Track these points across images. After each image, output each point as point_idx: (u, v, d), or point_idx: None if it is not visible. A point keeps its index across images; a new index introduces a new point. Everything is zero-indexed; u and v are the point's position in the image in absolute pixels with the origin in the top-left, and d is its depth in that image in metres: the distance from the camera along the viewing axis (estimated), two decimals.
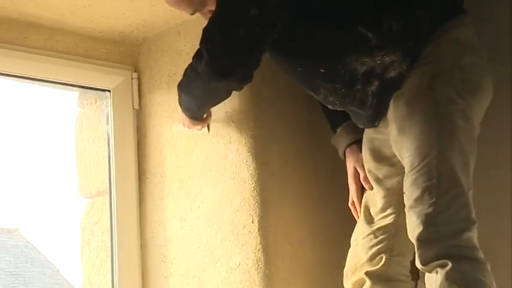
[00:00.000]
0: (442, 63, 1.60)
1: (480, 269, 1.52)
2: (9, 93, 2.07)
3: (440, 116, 1.57)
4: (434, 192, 1.51)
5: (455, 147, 1.55)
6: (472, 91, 1.61)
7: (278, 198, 1.90)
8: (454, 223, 1.52)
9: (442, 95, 1.58)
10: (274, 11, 1.57)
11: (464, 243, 1.52)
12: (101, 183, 2.13)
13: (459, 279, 1.49)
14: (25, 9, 1.92)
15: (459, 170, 1.54)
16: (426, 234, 1.52)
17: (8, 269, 2.13)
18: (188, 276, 1.97)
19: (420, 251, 1.53)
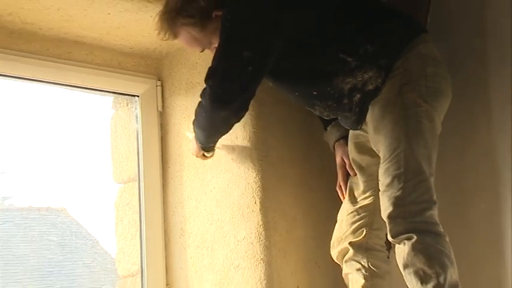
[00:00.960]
0: (410, 74, 1.62)
1: (441, 240, 1.54)
2: (59, 98, 2.11)
3: (407, 117, 1.59)
4: (402, 178, 1.54)
5: (420, 142, 1.58)
6: (435, 96, 1.62)
7: (276, 184, 1.93)
8: (419, 204, 1.54)
9: (409, 99, 1.59)
10: (264, 52, 1.58)
11: (428, 220, 1.55)
12: (131, 172, 2.14)
13: (423, 249, 1.51)
14: (70, 29, 1.94)
15: (423, 161, 1.56)
16: (395, 213, 1.55)
17: (57, 241, 2.18)
18: (202, 247, 2.01)
19: (390, 226, 1.56)
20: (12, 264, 2.09)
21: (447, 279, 1.49)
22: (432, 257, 1.50)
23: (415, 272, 1.51)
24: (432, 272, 1.49)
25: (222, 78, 1.58)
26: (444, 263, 1.50)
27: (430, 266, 1.50)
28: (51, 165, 2.16)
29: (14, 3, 1.79)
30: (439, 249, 1.52)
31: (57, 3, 1.81)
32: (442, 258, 1.51)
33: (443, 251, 1.52)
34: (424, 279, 1.50)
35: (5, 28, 1.87)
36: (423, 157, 1.57)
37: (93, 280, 2.20)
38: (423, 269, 1.50)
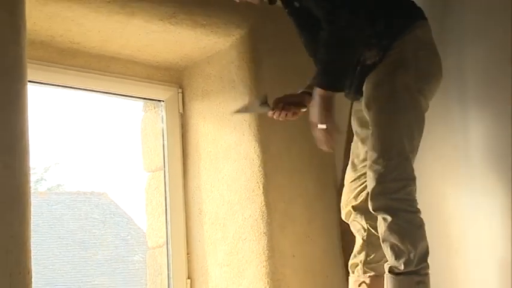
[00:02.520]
0: (404, 56, 1.52)
1: (414, 218, 1.48)
2: (100, 104, 2.16)
3: (395, 98, 1.50)
4: (386, 156, 1.47)
5: (405, 122, 1.49)
6: (425, 78, 1.53)
7: (275, 171, 1.94)
8: (399, 181, 1.48)
9: (399, 81, 1.50)
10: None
11: (405, 197, 1.48)
12: (158, 162, 2.14)
13: (397, 229, 1.46)
14: (108, 48, 1.96)
15: (406, 140, 1.49)
16: (377, 190, 1.48)
17: (100, 219, 2.21)
18: (216, 224, 2.02)
19: (372, 200, 1.50)
20: (64, 238, 2.13)
21: (417, 254, 1.45)
22: (405, 236, 1.46)
23: (391, 247, 1.48)
24: (405, 249, 1.45)
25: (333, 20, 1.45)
26: (415, 240, 1.46)
27: (403, 244, 1.46)
28: (94, 158, 2.21)
29: (64, 27, 1.82)
30: (411, 227, 1.47)
31: (97, 26, 1.83)
32: (413, 235, 1.47)
33: (414, 229, 1.47)
34: (398, 254, 1.47)
35: (57, 47, 1.89)
36: (406, 135, 1.49)
37: (128, 250, 2.23)
38: (397, 245, 1.46)
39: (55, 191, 2.30)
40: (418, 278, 1.45)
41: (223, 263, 1.97)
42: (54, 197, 2.24)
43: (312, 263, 1.92)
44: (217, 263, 1.99)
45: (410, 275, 1.45)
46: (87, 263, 2.12)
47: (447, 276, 1.80)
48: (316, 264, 1.90)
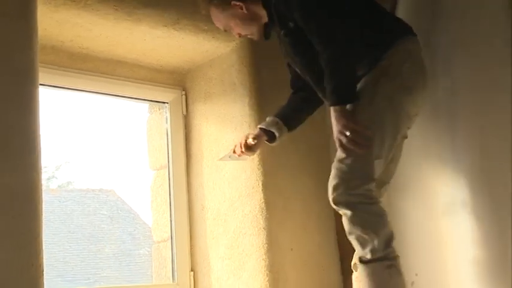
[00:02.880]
0: (389, 68, 1.52)
1: (373, 208, 1.47)
2: (108, 105, 2.15)
3: (372, 104, 1.49)
4: (353, 158, 1.45)
5: (377, 128, 1.47)
6: (407, 89, 1.52)
7: (274, 170, 1.94)
8: (359, 179, 1.46)
9: (381, 92, 1.50)
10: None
11: (363, 192, 1.46)
12: (163, 161, 2.14)
13: (358, 221, 1.46)
14: (115, 52, 1.97)
15: (375, 145, 1.47)
16: (338, 186, 1.47)
17: (107, 214, 2.20)
18: (218, 219, 2.02)
19: (332, 195, 1.49)
20: (74, 232, 2.13)
21: (381, 240, 1.45)
22: (366, 226, 1.46)
23: (356, 238, 1.48)
24: (368, 238, 1.46)
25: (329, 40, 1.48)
26: (376, 228, 1.45)
27: (366, 233, 1.46)
28: (103, 157, 2.21)
29: (73, 32, 1.81)
30: (370, 217, 1.46)
31: (105, 32, 1.83)
32: (374, 224, 1.46)
33: (375, 218, 1.46)
34: (363, 244, 1.47)
35: (67, 52, 1.90)
36: (377, 141, 1.47)
37: (134, 244, 2.22)
38: (361, 236, 1.47)
39: (65, 188, 2.32)
40: (388, 262, 1.45)
41: (225, 256, 1.98)
42: (64, 194, 2.26)
43: (308, 256, 1.92)
44: (219, 256, 1.99)
45: (379, 261, 1.45)
46: (96, 256, 2.12)
47: (436, 264, 1.81)
48: (312, 257, 1.90)
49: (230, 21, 1.61)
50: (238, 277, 1.93)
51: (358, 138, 1.45)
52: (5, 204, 1.40)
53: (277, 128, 1.69)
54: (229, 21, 1.62)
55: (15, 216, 1.40)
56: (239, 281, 1.92)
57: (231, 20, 1.61)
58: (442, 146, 1.82)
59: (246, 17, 1.60)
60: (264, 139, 1.71)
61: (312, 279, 1.89)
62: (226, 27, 1.65)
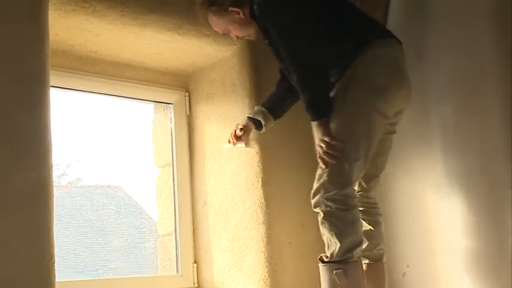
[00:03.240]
0: (357, 74, 1.52)
1: (345, 215, 1.48)
2: (115, 106, 2.11)
3: (343, 111, 1.50)
4: (331, 163, 1.48)
5: (350, 133, 1.49)
6: (377, 92, 1.51)
7: (273, 167, 1.95)
8: (336, 184, 1.48)
9: (349, 97, 1.50)
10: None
11: (339, 198, 1.48)
12: (167, 159, 2.13)
13: (327, 225, 1.49)
14: (122, 56, 1.97)
15: (350, 149, 1.48)
16: (317, 190, 1.51)
17: (115, 209, 2.19)
18: (219, 214, 2.02)
19: (312, 199, 1.52)
20: (83, 226, 2.13)
21: (342, 246, 1.46)
22: (332, 230, 1.48)
23: (326, 239, 1.51)
24: (333, 241, 1.48)
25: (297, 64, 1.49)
26: (342, 235, 1.47)
27: (331, 237, 1.48)
28: (110, 155, 2.19)
29: (83, 37, 1.81)
30: (340, 223, 1.48)
31: (113, 36, 1.83)
32: (341, 230, 1.47)
33: (344, 225, 1.48)
34: (329, 245, 1.50)
35: (76, 55, 1.90)
36: (351, 145, 1.48)
37: (140, 237, 2.22)
38: (329, 238, 1.50)
39: (75, 185, 2.28)
40: (337, 266, 1.46)
41: (226, 249, 1.98)
42: (74, 190, 2.24)
43: (306, 249, 1.92)
44: (220, 249, 2.00)
45: (332, 264, 1.47)
46: (104, 248, 2.13)
47: (427, 255, 1.81)
48: (310, 250, 1.89)
49: (229, 25, 1.64)
50: (239, 269, 1.94)
51: (331, 150, 1.48)
52: (18, 200, 1.41)
53: (263, 116, 1.73)
54: (227, 25, 1.64)
55: (28, 211, 1.41)
56: (240, 272, 1.93)
57: (230, 24, 1.63)
58: (434, 142, 1.82)
59: (243, 21, 1.62)
60: (252, 127, 1.75)
61: (309, 271, 1.84)
62: (225, 31, 1.67)
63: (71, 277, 1.90)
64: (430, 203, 1.83)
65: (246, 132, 1.76)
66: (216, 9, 1.62)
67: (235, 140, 1.77)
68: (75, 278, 1.92)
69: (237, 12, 1.61)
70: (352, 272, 1.48)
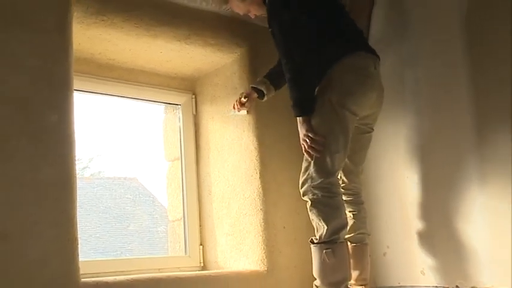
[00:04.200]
0: (331, 80, 1.55)
1: (330, 201, 1.50)
2: (131, 107, 2.10)
3: (323, 111, 1.53)
4: (314, 156, 1.51)
5: (329, 128, 1.52)
6: (348, 95, 1.53)
7: (269, 160, 1.94)
8: (321, 173, 1.51)
9: (326, 99, 1.53)
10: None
11: (325, 186, 1.50)
12: (176, 153, 2.13)
13: (315, 212, 1.52)
14: (137, 63, 1.98)
15: (331, 141, 1.50)
16: (305, 180, 1.55)
17: (131, 198, 2.18)
18: (222, 202, 2.02)
19: (301, 189, 1.56)
20: (103, 213, 2.12)
21: (329, 229, 1.49)
22: (320, 216, 1.50)
23: (314, 223, 1.54)
24: (321, 225, 1.51)
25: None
26: (329, 219, 1.49)
27: (319, 221, 1.51)
28: (127, 150, 2.17)
29: (102, 46, 1.81)
30: (326, 209, 1.49)
31: (128, 46, 1.83)
32: (328, 215, 1.49)
33: (330, 210, 1.49)
34: (317, 229, 1.53)
35: (96, 62, 1.91)
36: (330, 138, 1.51)
37: (153, 223, 2.21)
38: (317, 223, 1.52)
39: (96, 177, 2.26)
40: (326, 246, 1.48)
41: (228, 233, 1.99)
42: (96, 181, 2.22)
43: (299, 233, 1.92)
44: (223, 233, 2.00)
45: (320, 245, 1.50)
46: (122, 232, 2.13)
47: (404, 237, 1.84)
48: (302, 234, 1.89)
49: (249, 7, 1.70)
50: (239, 250, 1.95)
51: (315, 145, 1.52)
52: (47, 190, 1.43)
53: (266, 87, 1.76)
54: (248, 7, 1.71)
55: (55, 200, 1.44)
56: (240, 253, 1.94)
57: (250, 6, 1.70)
58: (412, 141, 1.83)
59: (260, 3, 1.67)
60: (255, 96, 1.77)
61: (301, 253, 1.87)
62: (246, 12, 1.73)
63: (93, 257, 1.90)
64: (407, 193, 1.85)
65: (249, 100, 1.78)
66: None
67: (240, 107, 1.78)
68: (96, 258, 1.92)
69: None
70: (339, 252, 1.50)
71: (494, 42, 1.62)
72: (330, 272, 1.48)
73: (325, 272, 1.48)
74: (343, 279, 1.49)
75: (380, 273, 1.88)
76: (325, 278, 1.48)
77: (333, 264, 1.47)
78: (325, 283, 1.49)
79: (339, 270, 1.49)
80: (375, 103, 1.64)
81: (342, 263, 1.50)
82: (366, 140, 1.70)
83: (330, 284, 1.48)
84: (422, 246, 1.79)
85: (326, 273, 1.48)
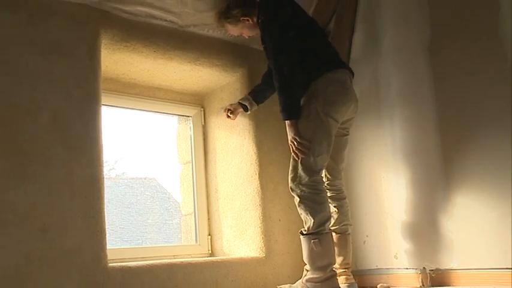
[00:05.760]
0: (316, 91, 1.54)
1: (315, 196, 1.49)
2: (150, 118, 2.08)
3: (309, 119, 1.52)
4: (300, 158, 1.52)
5: (314, 134, 1.51)
6: (331, 105, 1.53)
7: (267, 163, 1.94)
8: (307, 172, 1.49)
9: (312, 108, 1.53)
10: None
11: (310, 183, 1.49)
12: (188, 157, 2.12)
13: (302, 207, 1.51)
14: (154, 81, 1.97)
15: (315, 145, 1.49)
16: (293, 178, 1.53)
17: (150, 195, 2.16)
18: (227, 198, 2.02)
19: (290, 185, 1.54)
20: (127, 207, 2.10)
21: (315, 222, 1.48)
22: (307, 210, 1.49)
23: (303, 217, 1.54)
24: (308, 218, 1.51)
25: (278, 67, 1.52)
26: (314, 213, 1.48)
27: (307, 215, 1.51)
28: (147, 154, 2.16)
29: (125, 68, 1.82)
30: (312, 204, 1.48)
31: (147, 67, 1.83)
32: (314, 209, 1.48)
33: (315, 205, 1.48)
34: (305, 221, 1.53)
35: (121, 81, 1.91)
36: (314, 142, 1.50)
37: (169, 216, 2.19)
38: (305, 216, 1.52)
39: (121, 177, 2.24)
40: (313, 237, 1.48)
41: (232, 225, 1.98)
42: (120, 181, 2.21)
43: (292, 225, 1.92)
44: (228, 225, 2.00)
45: (309, 236, 1.50)
46: (142, 224, 2.12)
47: (381, 227, 1.85)
48: (295, 226, 1.88)
49: (242, 30, 1.68)
50: (241, 239, 1.95)
51: (300, 147, 1.51)
52: (79, 189, 1.47)
53: (249, 102, 1.79)
54: (241, 30, 1.69)
55: (86, 197, 1.47)
56: (242, 242, 1.94)
57: (242, 29, 1.68)
58: (386, 146, 1.85)
59: (252, 25, 1.66)
60: (240, 110, 1.81)
61: (293, 241, 1.87)
62: (239, 34, 1.72)
63: (118, 245, 1.91)
64: (383, 190, 1.87)
65: (234, 113, 1.82)
66: (231, 20, 1.68)
67: (227, 117, 1.83)
68: (121, 246, 1.92)
69: (247, 19, 1.65)
70: (325, 241, 1.51)
71: (452, 65, 1.65)
72: (317, 258, 1.49)
73: (313, 258, 1.49)
74: (329, 264, 1.50)
75: (360, 258, 1.90)
76: (313, 263, 1.50)
77: (320, 251, 1.48)
78: (314, 267, 1.50)
79: (325, 256, 1.49)
80: (352, 111, 1.65)
81: (328, 251, 1.51)
82: (344, 142, 1.70)
83: (318, 268, 1.49)
84: (395, 235, 1.81)
85: (314, 259, 1.49)
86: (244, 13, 1.64)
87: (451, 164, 1.64)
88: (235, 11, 1.65)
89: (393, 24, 1.84)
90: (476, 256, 1.55)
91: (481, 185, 1.55)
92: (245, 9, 1.63)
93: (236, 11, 1.65)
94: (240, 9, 1.64)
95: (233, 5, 1.65)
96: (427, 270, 1.68)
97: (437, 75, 1.70)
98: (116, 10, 1.63)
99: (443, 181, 1.67)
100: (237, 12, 1.65)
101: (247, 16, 1.64)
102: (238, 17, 1.65)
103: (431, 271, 1.66)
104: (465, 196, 1.60)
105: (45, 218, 1.39)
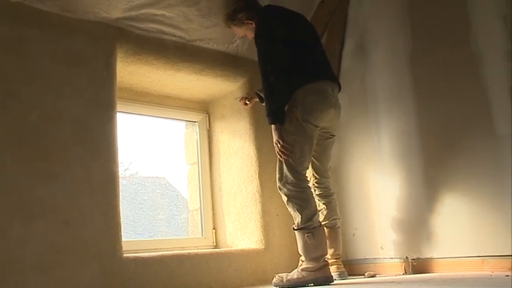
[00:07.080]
0: (296, 100, 1.53)
1: (301, 194, 1.48)
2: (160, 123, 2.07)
3: (291, 125, 1.52)
4: (284, 160, 1.52)
5: (296, 139, 1.51)
6: (309, 112, 1.52)
7: (266, 164, 1.93)
8: (291, 172, 1.50)
9: (293, 115, 1.53)
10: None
11: (295, 182, 1.49)
12: (194, 159, 2.12)
13: (290, 205, 1.51)
14: (164, 90, 1.97)
15: (297, 149, 1.50)
16: (279, 178, 1.54)
17: (161, 193, 2.17)
18: (230, 196, 2.01)
19: (277, 185, 1.54)
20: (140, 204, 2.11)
21: (303, 217, 1.49)
22: (294, 206, 1.50)
23: (292, 213, 1.54)
24: (296, 214, 1.51)
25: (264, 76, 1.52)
26: (301, 209, 1.48)
27: (294, 211, 1.51)
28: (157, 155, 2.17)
29: (138, 78, 1.83)
30: (298, 201, 1.48)
31: (158, 78, 1.84)
32: (300, 205, 1.48)
33: (301, 202, 1.48)
34: (294, 217, 1.52)
35: (134, 91, 1.92)
36: (296, 147, 1.51)
37: (177, 212, 2.19)
38: (293, 213, 1.53)
39: (135, 176, 2.25)
40: (306, 231, 1.49)
41: (234, 220, 1.98)
42: (134, 180, 2.21)
43: (288, 219, 1.84)
44: (230, 220, 2.00)
45: (301, 230, 1.50)
46: (154, 219, 2.12)
47: (368, 222, 1.87)
48: (291, 221, 1.70)
49: (246, 31, 1.69)
50: (243, 233, 1.95)
51: (284, 149, 1.52)
52: (98, 187, 1.50)
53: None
54: (245, 31, 1.69)
55: (103, 194, 1.50)
56: (244, 235, 1.94)
57: (246, 31, 1.69)
58: (373, 146, 1.87)
59: (254, 28, 1.65)
60: (256, 99, 1.79)
61: (290, 235, 1.83)
62: (243, 35, 1.73)
63: (133, 237, 1.92)
64: (370, 188, 1.89)
65: (251, 101, 1.81)
66: (237, 23, 1.70)
67: (244, 104, 1.82)
68: (135, 239, 1.93)
69: (251, 23, 1.66)
70: (317, 234, 1.52)
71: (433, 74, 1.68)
72: (311, 250, 1.50)
73: (307, 250, 1.50)
74: (321, 255, 1.51)
75: (350, 249, 1.92)
76: (308, 254, 1.51)
77: (313, 244, 1.49)
78: (308, 258, 1.51)
79: (318, 248, 1.50)
80: (334, 116, 1.63)
81: (320, 243, 1.52)
82: (328, 144, 1.69)
83: (312, 258, 1.51)
84: (381, 228, 1.83)
85: (308, 251, 1.50)
86: (249, 17, 1.65)
87: (431, 164, 1.67)
88: (241, 14, 1.67)
89: (379, 38, 1.87)
90: (453, 246, 1.58)
91: (458, 184, 1.58)
92: (250, 13, 1.65)
93: (241, 14, 1.67)
94: (245, 13, 1.66)
95: (239, 9, 1.67)
96: (409, 259, 1.71)
97: (418, 84, 1.73)
98: (130, 27, 1.65)
99: (424, 180, 1.70)
100: (242, 15, 1.67)
101: (251, 20, 1.65)
102: (243, 20, 1.67)
103: (413, 260, 1.69)
104: (443, 193, 1.63)
105: (67, 213, 1.42)
